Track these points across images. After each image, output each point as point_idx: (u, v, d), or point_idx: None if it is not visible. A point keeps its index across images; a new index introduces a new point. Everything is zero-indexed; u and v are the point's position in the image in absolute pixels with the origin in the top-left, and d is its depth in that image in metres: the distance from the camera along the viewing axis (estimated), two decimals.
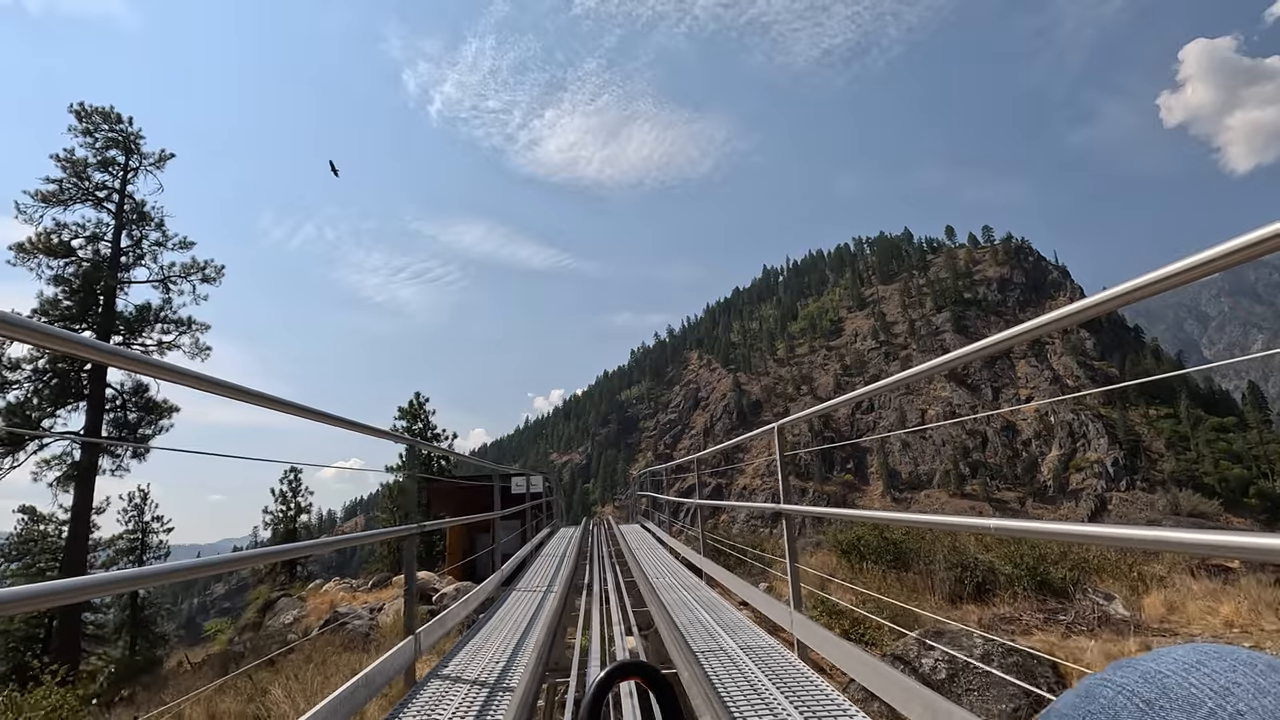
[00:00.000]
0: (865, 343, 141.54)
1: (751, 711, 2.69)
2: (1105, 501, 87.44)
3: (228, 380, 1.81)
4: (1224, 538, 1.12)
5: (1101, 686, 0.35)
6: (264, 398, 1.99)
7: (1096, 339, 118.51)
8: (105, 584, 1.47)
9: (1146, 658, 0.35)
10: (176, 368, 1.65)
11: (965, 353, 1.99)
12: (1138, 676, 0.33)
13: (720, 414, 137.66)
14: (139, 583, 1.62)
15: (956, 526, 2.32)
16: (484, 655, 3.95)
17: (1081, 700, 0.35)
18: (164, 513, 21.16)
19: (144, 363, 1.57)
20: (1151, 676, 0.33)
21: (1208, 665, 0.32)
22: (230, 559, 1.94)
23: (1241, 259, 1.10)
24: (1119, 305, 1.37)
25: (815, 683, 3.07)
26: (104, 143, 19.94)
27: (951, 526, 2.46)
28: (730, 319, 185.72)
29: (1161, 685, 0.32)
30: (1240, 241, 1.08)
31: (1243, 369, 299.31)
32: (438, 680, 3.41)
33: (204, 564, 1.83)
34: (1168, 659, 0.34)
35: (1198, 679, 0.31)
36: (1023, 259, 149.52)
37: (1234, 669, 0.31)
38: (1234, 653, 0.33)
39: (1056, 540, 5.64)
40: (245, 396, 1.90)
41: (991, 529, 1.91)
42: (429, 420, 23.08)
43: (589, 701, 0.68)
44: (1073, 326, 4.52)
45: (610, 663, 1.10)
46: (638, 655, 4.27)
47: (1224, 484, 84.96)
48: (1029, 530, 1.80)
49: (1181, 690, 0.31)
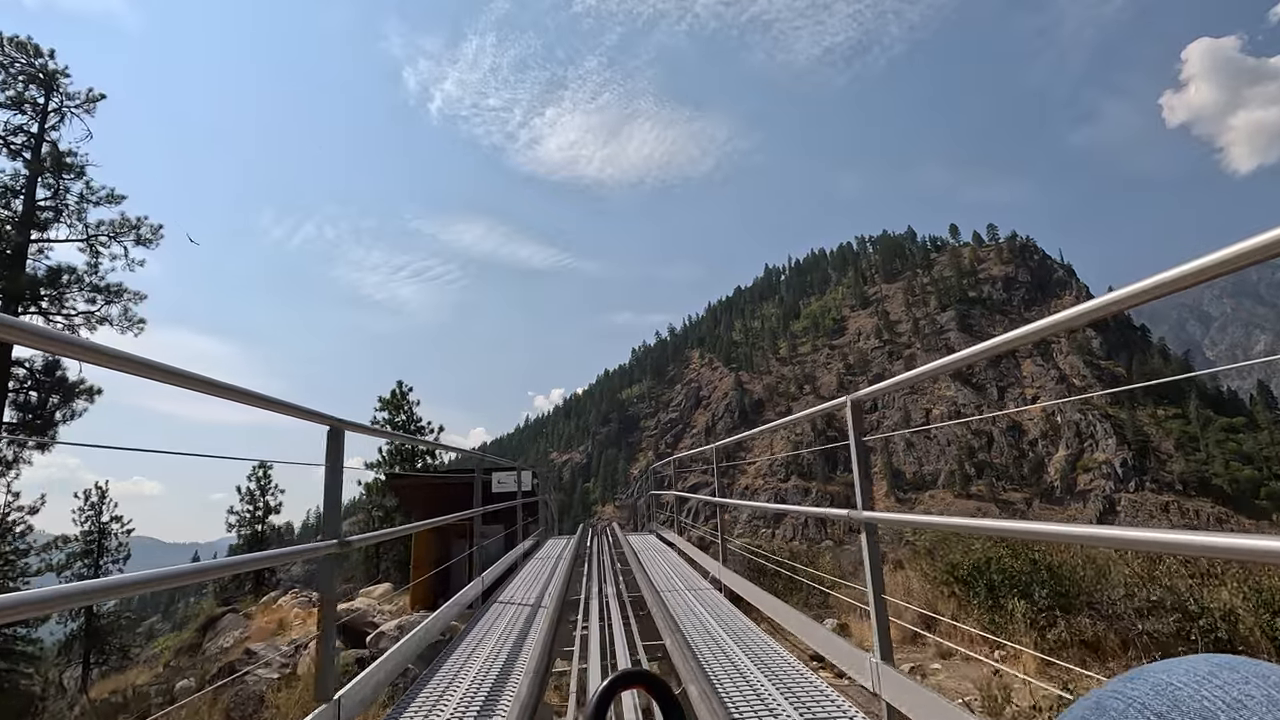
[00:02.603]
0: (869, 341, 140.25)
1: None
2: (1114, 503, 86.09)
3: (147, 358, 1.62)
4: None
5: (1112, 699, 0.33)
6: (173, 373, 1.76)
7: (1103, 339, 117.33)
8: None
9: (1157, 668, 0.34)
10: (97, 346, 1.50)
11: (996, 343, 1.89)
12: (1148, 689, 0.32)
13: (722, 413, 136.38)
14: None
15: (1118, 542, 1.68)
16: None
17: (1091, 713, 0.34)
18: (125, 511, 19.42)
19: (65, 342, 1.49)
20: (1162, 688, 0.32)
21: (1220, 677, 0.31)
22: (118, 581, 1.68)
23: (1249, 262, 1.09)
24: (1130, 306, 1.39)
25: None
26: (19, 78, 17.05)
27: (1115, 543, 1.72)
28: (732, 318, 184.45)
29: (1173, 697, 0.31)
30: (1250, 245, 1.08)
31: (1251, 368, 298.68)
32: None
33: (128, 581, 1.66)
34: (1179, 670, 0.33)
35: (1210, 691, 0.30)
36: (1028, 257, 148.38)
37: (1247, 681, 0.30)
38: (1246, 664, 0.32)
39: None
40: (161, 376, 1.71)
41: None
42: (413, 412, 21.67)
43: (591, 712, 0.66)
44: (1082, 326, 4.18)
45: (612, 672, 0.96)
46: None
47: (1234, 485, 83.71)
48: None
49: (1194, 703, 0.30)
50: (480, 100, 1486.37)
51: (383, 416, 21.35)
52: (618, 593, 5.75)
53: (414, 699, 3.05)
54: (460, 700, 3.03)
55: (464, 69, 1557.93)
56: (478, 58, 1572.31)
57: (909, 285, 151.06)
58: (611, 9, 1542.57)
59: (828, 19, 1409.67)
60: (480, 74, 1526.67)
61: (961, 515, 6.80)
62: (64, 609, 1.35)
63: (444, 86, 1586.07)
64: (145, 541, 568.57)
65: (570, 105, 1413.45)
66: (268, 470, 20.78)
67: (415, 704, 2.97)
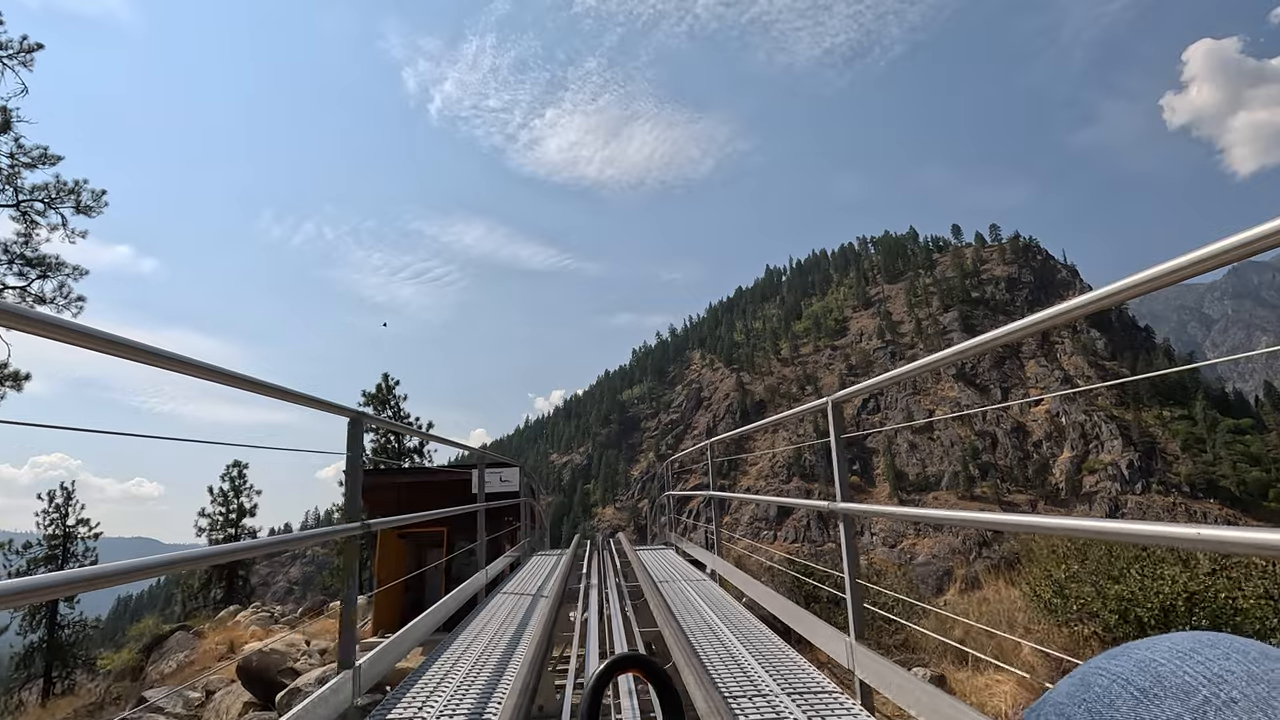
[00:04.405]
0: (871, 342, 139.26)
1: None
2: (1120, 505, 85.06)
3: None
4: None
5: (1096, 675, 0.34)
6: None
7: (1107, 339, 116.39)
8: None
9: (1140, 645, 0.35)
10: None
11: (987, 340, 1.98)
12: (1132, 665, 0.33)
13: (723, 414, 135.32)
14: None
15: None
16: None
17: (1077, 688, 0.35)
18: (92, 514, 18.05)
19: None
20: (1146, 664, 0.33)
21: (1201, 653, 0.32)
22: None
23: (1244, 254, 1.14)
24: (1126, 298, 1.41)
25: None
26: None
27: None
28: (733, 318, 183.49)
29: (1156, 673, 0.32)
30: (1243, 237, 1.12)
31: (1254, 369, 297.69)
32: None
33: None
34: (1161, 647, 0.33)
35: (1191, 666, 0.31)
36: (1031, 258, 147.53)
37: (1227, 656, 0.31)
38: (1227, 640, 0.33)
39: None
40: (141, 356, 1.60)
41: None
42: (399, 407, 20.30)
43: (588, 695, 0.66)
44: (1078, 321, 4.05)
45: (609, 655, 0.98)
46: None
47: (1242, 487, 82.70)
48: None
49: (1175, 678, 0.31)
50: (480, 101, 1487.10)
51: (368, 410, 19.97)
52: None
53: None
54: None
55: (464, 70, 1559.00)
56: (478, 58, 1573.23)
57: (911, 286, 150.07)
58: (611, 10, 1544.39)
59: (828, 19, 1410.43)
60: (480, 75, 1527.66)
61: (943, 509, 6.10)
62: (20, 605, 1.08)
63: (444, 87, 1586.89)
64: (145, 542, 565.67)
65: (570, 106, 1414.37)
66: (243, 470, 19.60)
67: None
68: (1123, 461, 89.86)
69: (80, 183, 15.83)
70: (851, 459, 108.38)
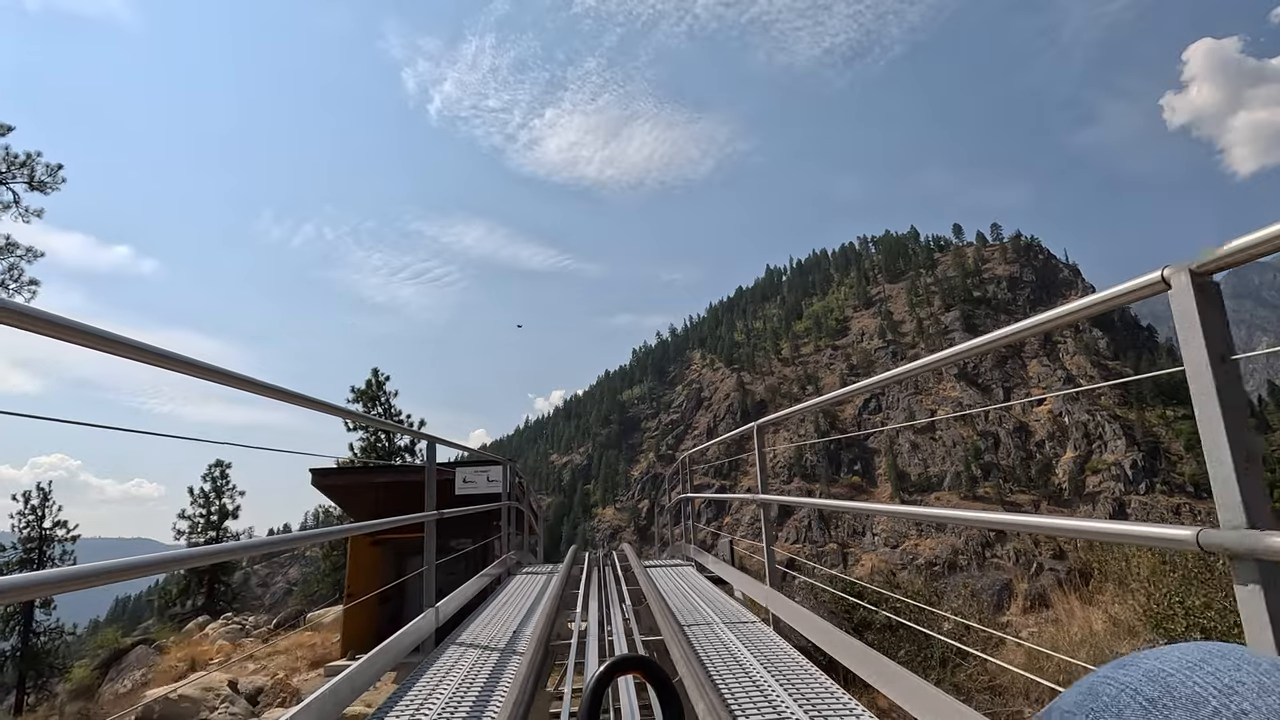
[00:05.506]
0: (872, 342, 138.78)
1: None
2: (1124, 505, 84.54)
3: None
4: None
5: (1105, 684, 0.33)
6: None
7: (1110, 338, 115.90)
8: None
9: (1149, 655, 0.34)
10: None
11: (979, 343, 2.06)
12: (1141, 674, 0.32)
13: (724, 414, 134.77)
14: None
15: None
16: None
17: (1085, 698, 0.34)
18: (93, 514, 17.60)
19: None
20: (1155, 675, 0.32)
21: (1211, 663, 0.31)
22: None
23: (1245, 258, 1.18)
24: (1127, 302, 1.46)
25: None
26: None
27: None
28: (734, 318, 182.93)
29: (1165, 684, 0.31)
30: (1243, 241, 1.17)
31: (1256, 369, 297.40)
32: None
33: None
34: (1171, 657, 0.33)
35: (1201, 677, 0.30)
36: (1032, 257, 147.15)
37: (1238, 668, 0.30)
38: (1238, 651, 0.32)
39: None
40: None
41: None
42: (390, 403, 19.68)
43: (588, 697, 0.66)
44: (1081, 322, 3.94)
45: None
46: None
47: None
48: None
49: (1185, 689, 0.30)
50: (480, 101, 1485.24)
51: (357, 409, 19.41)
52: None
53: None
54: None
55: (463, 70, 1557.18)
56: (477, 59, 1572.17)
57: (912, 285, 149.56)
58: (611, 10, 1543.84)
59: (828, 20, 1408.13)
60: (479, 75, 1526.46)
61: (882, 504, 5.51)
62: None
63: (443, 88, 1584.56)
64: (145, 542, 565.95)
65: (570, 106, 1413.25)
66: (225, 470, 19.01)
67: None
68: (1126, 461, 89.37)
69: (33, 155, 14.96)
70: (854, 460, 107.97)
